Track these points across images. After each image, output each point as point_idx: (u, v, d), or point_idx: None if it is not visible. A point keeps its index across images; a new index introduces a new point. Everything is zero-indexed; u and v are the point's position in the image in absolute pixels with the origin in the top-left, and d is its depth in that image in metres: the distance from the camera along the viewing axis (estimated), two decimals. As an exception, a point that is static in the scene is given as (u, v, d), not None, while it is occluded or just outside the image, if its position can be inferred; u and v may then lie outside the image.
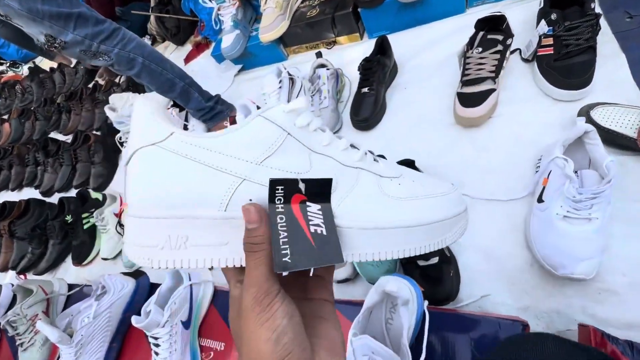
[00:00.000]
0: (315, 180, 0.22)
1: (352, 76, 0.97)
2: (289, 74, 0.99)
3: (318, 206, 0.22)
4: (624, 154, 0.58)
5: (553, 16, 0.67)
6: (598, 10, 0.74)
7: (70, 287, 0.94)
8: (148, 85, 0.95)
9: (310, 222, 0.21)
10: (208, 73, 1.36)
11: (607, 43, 0.70)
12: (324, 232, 0.21)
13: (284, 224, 0.20)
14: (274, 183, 0.20)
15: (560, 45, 0.67)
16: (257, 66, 1.27)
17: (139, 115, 0.22)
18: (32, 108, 1.98)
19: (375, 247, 0.23)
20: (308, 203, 0.22)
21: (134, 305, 0.75)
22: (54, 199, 1.28)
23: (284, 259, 0.19)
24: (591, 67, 0.65)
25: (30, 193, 1.51)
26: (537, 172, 0.60)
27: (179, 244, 0.21)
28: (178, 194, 0.21)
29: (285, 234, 0.20)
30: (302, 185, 0.21)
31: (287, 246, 0.20)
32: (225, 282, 0.83)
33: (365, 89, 0.87)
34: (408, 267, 0.61)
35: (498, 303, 0.56)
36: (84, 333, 0.68)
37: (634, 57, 0.67)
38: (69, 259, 1.18)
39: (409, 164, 0.66)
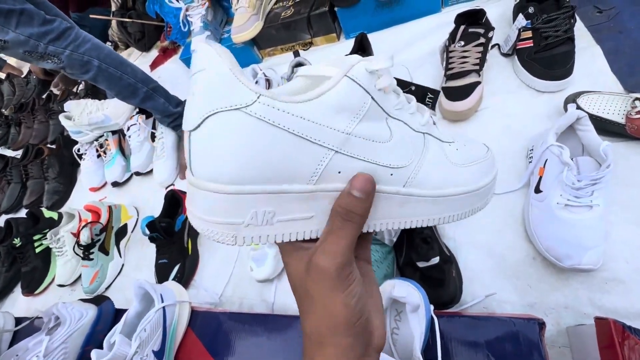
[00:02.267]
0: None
1: (332, 76, 0.94)
2: (265, 75, 0.94)
3: None
4: (613, 140, 0.57)
5: (531, 10, 0.68)
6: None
7: (18, 321, 0.81)
8: (107, 89, 0.86)
9: None
10: (177, 78, 1.28)
11: (581, 36, 0.71)
12: None
13: None
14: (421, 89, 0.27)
15: (540, 38, 0.67)
16: (230, 70, 1.21)
17: (213, 69, 0.18)
18: (-26, 122, 1.78)
19: (436, 213, 0.24)
20: None
21: (96, 337, 0.64)
22: (1, 221, 1.12)
23: None
24: (571, 57, 0.65)
25: (-29, 216, 1.33)
26: (530, 162, 0.59)
27: (266, 220, 0.19)
28: (266, 168, 0.18)
29: None
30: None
31: None
32: (203, 302, 0.73)
33: (347, 87, 0.83)
34: (407, 270, 0.56)
35: (503, 301, 0.53)
36: (33, 376, 0.57)
37: (608, 48, 0.68)
38: (18, 289, 1.03)
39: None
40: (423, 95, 0.30)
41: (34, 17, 0.69)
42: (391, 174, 0.22)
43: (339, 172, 0.20)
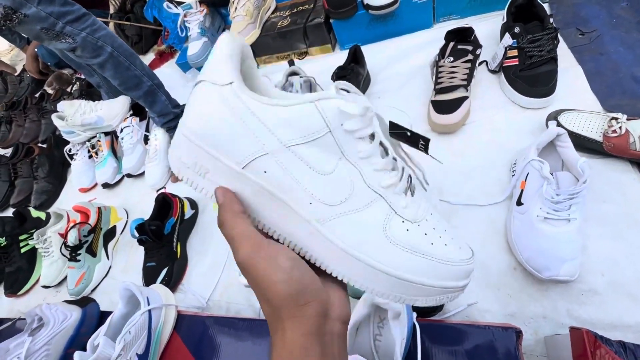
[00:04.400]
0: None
1: (325, 86, 0.96)
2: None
3: None
4: (591, 157, 0.60)
5: (517, 30, 0.71)
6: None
7: (0, 322, 0.80)
8: (111, 78, 0.87)
9: None
10: (172, 83, 1.28)
11: (564, 56, 0.74)
12: None
13: None
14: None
15: (525, 57, 0.70)
16: (225, 76, 1.22)
17: (218, 51, 0.23)
18: (-36, 119, 1.75)
19: (345, 270, 0.23)
20: None
21: (80, 339, 0.64)
22: (-14, 220, 1.11)
23: None
24: (554, 76, 0.68)
25: (-45, 214, 1.30)
26: (513, 175, 0.61)
27: (201, 173, 0.24)
28: (213, 135, 0.22)
29: None
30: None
31: None
32: (190, 306, 0.73)
33: (340, 97, 0.85)
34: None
35: (485, 310, 0.54)
36: (13, 378, 0.56)
37: (589, 69, 0.71)
38: (0, 289, 1.01)
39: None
40: (416, 141, 0.30)
41: None
42: (310, 203, 0.22)
43: (265, 172, 0.22)
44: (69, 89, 1.51)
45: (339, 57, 1.02)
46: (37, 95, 1.57)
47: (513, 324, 0.44)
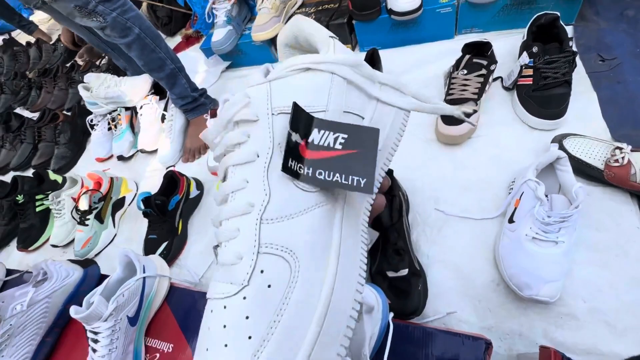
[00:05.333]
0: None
1: (340, 85, 0.97)
2: (277, 75, 0.98)
3: None
4: (590, 184, 0.60)
5: (535, 49, 0.71)
6: (575, 49, 0.79)
7: (9, 272, 0.85)
8: (137, 58, 0.91)
9: None
10: (195, 66, 1.33)
11: (580, 80, 0.74)
12: None
13: None
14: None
15: (539, 77, 0.70)
16: (246, 65, 1.25)
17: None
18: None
19: None
20: None
21: (78, 297, 0.68)
22: (8, 177, 1.17)
23: None
24: (566, 100, 0.68)
25: (-19, 168, 1.38)
26: (509, 193, 0.61)
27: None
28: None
29: None
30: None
31: None
32: (183, 280, 0.77)
33: (352, 98, 0.87)
34: (377, 278, 0.59)
35: (463, 321, 0.55)
36: (14, 323, 0.60)
37: (604, 96, 0.70)
38: (13, 243, 1.08)
39: (388, 173, 0.65)
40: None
41: None
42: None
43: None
44: (97, 62, 1.58)
45: (357, 58, 1.04)
46: (67, 65, 1.65)
47: (484, 336, 0.45)
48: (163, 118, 1.11)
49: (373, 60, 0.92)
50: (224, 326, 0.16)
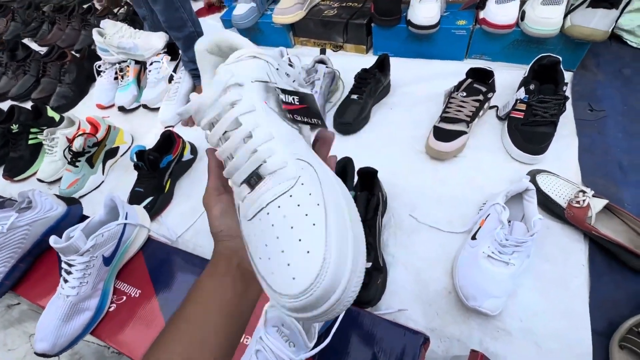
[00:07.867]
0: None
1: (348, 83, 1.00)
2: (290, 60, 1.01)
3: None
4: (552, 219, 0.65)
5: (531, 86, 0.75)
6: (568, 94, 0.84)
7: (-8, 196, 0.87)
8: (160, 13, 0.92)
9: None
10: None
11: (567, 124, 0.78)
12: None
13: None
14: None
15: (530, 113, 0.74)
16: (262, 44, 1.27)
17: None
18: (12, 7, 1.82)
19: None
20: None
21: (58, 231, 0.70)
22: (5, 105, 1.18)
23: None
24: (549, 139, 0.73)
25: (-21, 91, 1.37)
26: (478, 213, 0.66)
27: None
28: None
29: None
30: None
31: None
32: (161, 235, 0.80)
33: (355, 96, 0.90)
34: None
35: (411, 319, 0.60)
36: (-8, 242, 0.63)
37: (584, 143, 0.75)
38: (0, 171, 1.09)
39: (373, 173, 0.69)
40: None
41: None
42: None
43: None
44: (115, 10, 1.57)
45: (369, 60, 1.06)
46: (85, 6, 1.63)
47: (424, 332, 0.50)
48: (170, 79, 1.13)
49: (382, 66, 0.95)
50: (298, 205, 0.22)
